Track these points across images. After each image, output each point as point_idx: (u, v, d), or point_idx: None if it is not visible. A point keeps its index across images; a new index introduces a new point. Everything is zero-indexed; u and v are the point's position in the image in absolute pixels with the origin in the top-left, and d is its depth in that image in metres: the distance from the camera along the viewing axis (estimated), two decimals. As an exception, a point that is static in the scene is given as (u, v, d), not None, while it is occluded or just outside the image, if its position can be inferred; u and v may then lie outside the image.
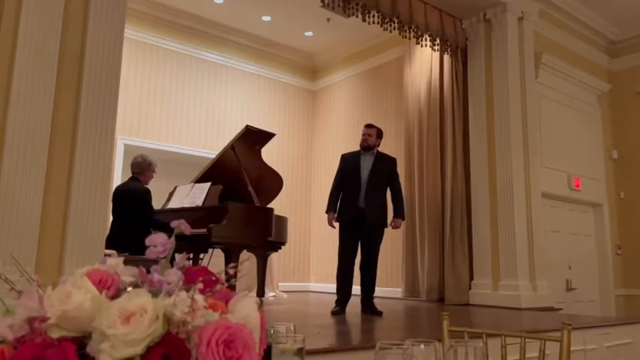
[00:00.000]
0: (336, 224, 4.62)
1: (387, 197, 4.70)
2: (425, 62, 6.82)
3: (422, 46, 6.18)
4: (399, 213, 4.68)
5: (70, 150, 2.97)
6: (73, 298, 0.55)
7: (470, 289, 5.96)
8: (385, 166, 4.70)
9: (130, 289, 0.65)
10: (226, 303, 0.67)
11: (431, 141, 6.54)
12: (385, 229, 4.63)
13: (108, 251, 3.50)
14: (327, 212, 4.65)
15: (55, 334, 0.54)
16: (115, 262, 0.69)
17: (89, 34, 3.12)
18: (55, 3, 3.00)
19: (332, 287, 7.68)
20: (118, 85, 3.24)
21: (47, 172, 2.86)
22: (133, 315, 0.54)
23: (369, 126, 4.79)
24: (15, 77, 2.84)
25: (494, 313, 5.01)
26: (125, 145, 6.66)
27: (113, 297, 0.60)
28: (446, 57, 6.51)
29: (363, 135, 4.71)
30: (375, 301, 4.55)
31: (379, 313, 4.38)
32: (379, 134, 4.77)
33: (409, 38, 5.98)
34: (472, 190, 6.17)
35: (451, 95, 6.42)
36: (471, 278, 6.01)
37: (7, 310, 0.58)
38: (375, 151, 4.71)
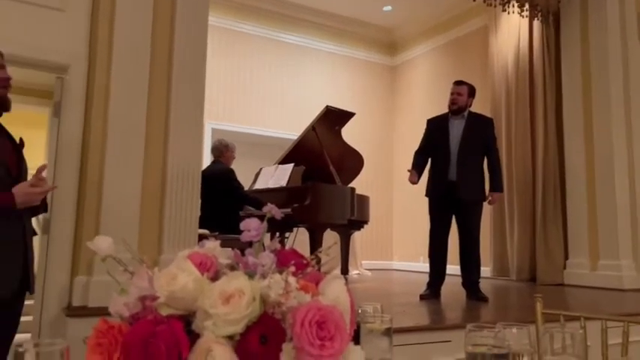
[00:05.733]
0: (424, 190, 4.19)
1: (485, 166, 4.16)
2: (512, 30, 6.45)
3: (508, 13, 5.83)
4: (496, 185, 4.10)
5: (163, 138, 3.16)
6: (178, 279, 0.60)
7: (564, 268, 5.66)
8: (480, 129, 4.10)
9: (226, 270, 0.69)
10: (316, 285, 0.69)
11: (520, 113, 6.21)
12: (484, 204, 4.12)
13: (201, 231, 3.72)
14: (410, 170, 4.18)
15: (164, 312, 0.59)
16: (213, 245, 0.73)
17: (177, 25, 3.27)
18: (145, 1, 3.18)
19: (415, 266, 7.68)
20: (204, 73, 3.38)
21: (145, 161, 3.07)
22: (232, 296, 0.58)
23: (458, 83, 4.19)
24: (113, 71, 3.06)
25: (593, 295, 4.73)
26: (213, 129, 6.97)
27: (213, 279, 0.64)
28: (535, 23, 6.11)
29: (452, 94, 4.13)
30: (459, 280, 4.13)
31: (485, 299, 3.89)
32: (471, 92, 4.16)
33: (494, 5, 5.67)
34: (566, 162, 5.82)
35: (542, 64, 6.03)
36: (566, 257, 5.70)
37: (122, 289, 0.64)
38: (467, 112, 4.13)
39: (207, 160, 5.66)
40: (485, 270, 6.44)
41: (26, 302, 2.04)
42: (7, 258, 1.82)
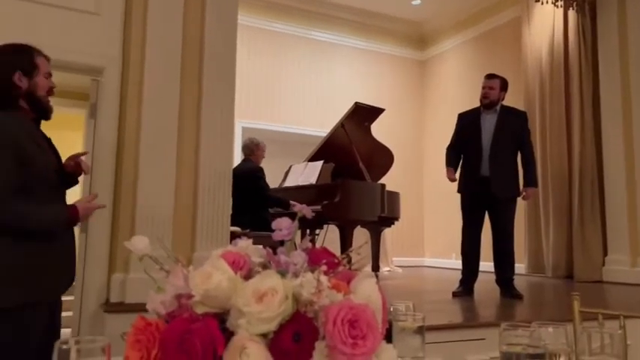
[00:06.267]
0: (456, 187, 4.15)
1: (519, 162, 4.08)
2: (546, 21, 6.28)
3: (542, 3, 5.68)
4: (530, 180, 4.01)
5: (195, 137, 3.21)
6: (212, 278, 0.61)
7: (603, 265, 5.50)
8: (513, 123, 4.03)
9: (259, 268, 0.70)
10: (348, 283, 0.69)
11: (555, 107, 6.05)
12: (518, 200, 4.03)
13: (233, 228, 3.76)
14: (446, 167, 4.16)
15: (199, 310, 0.61)
16: (245, 244, 0.74)
17: (207, 26, 3.31)
18: (176, 2, 3.24)
19: (447, 262, 7.59)
20: (234, 72, 3.41)
21: (177, 160, 3.13)
22: (265, 295, 0.58)
23: (490, 77, 4.11)
24: (146, 73, 3.12)
25: (633, 292, 4.58)
26: (243, 128, 7.04)
27: (246, 277, 0.65)
28: (571, 13, 5.93)
29: (483, 88, 4.06)
30: (492, 277, 4.07)
31: (519, 297, 3.82)
32: (503, 86, 4.08)
33: (527, -4, 5.54)
34: (604, 156, 5.66)
35: (577, 55, 5.86)
36: (605, 253, 5.54)
37: (158, 287, 0.66)
38: (499, 106, 4.06)
39: (237, 158, 5.72)
40: (520, 267, 6.33)
41: (67, 298, 2.11)
42: (63, 262, 1.90)
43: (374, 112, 5.30)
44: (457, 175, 4.19)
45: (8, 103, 1.79)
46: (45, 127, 2.04)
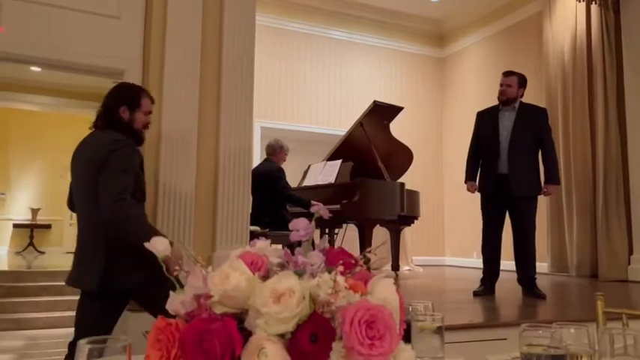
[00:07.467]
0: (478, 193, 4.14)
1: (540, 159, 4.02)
2: (568, 15, 6.16)
3: (563, -3, 5.59)
4: (551, 177, 3.94)
5: (215, 138, 3.25)
6: (231, 279, 0.62)
7: (629, 264, 5.38)
8: (532, 120, 3.97)
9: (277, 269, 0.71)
10: (365, 284, 0.70)
11: (578, 103, 5.94)
12: (538, 198, 3.97)
13: (252, 227, 3.79)
14: (465, 182, 4.18)
15: (218, 310, 0.62)
16: (264, 244, 0.75)
17: (225, 27, 3.34)
18: (194, 4, 3.27)
19: (467, 261, 7.52)
20: (253, 72, 3.44)
21: (197, 160, 3.17)
22: (283, 295, 0.59)
23: (507, 74, 4.07)
24: (166, 74, 3.16)
25: (660, 292, 4.48)
26: (262, 127, 7.07)
27: (264, 277, 0.66)
28: (593, 7, 5.81)
29: (501, 86, 4.03)
30: (514, 275, 4.01)
31: (542, 296, 3.78)
32: (522, 82, 4.04)
33: (548, -9, 5.44)
34: (629, 153, 5.54)
35: (601, 50, 5.74)
36: (630, 252, 5.42)
37: (178, 288, 0.67)
38: (518, 103, 4.02)
39: (256, 157, 5.75)
40: (543, 266, 6.23)
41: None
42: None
43: (393, 111, 5.27)
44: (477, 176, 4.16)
45: (118, 127, 2.17)
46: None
